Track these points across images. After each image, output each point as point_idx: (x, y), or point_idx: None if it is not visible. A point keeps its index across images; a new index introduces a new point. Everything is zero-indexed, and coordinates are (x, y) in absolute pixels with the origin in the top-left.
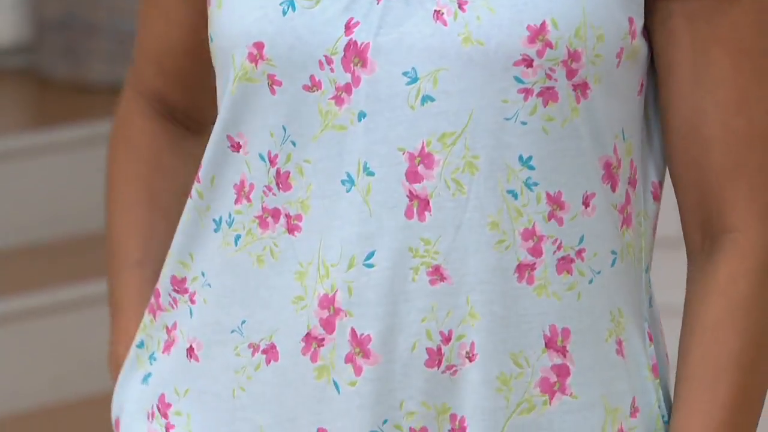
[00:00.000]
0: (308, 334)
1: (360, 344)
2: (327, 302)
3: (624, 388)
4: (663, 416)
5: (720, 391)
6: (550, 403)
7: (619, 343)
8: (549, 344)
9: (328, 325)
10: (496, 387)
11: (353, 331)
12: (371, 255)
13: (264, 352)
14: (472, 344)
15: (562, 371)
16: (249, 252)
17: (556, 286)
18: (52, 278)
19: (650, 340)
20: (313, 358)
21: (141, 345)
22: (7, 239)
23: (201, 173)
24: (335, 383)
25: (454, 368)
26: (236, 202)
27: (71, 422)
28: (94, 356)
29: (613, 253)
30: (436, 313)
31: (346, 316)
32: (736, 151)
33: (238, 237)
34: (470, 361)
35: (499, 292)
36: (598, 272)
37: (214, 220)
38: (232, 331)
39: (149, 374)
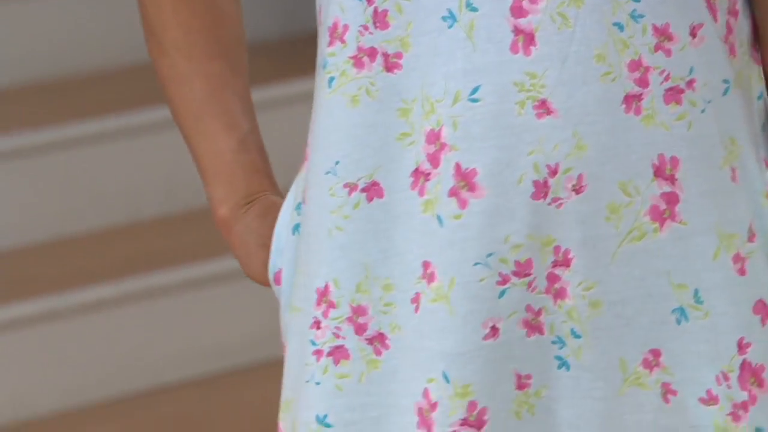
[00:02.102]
0: (416, 170)
1: (465, 178)
2: (433, 137)
3: (740, 215)
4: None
5: None
6: (660, 231)
7: (733, 170)
8: (657, 173)
9: (434, 160)
10: (605, 216)
11: (458, 165)
12: (476, 90)
13: (364, 190)
14: (580, 176)
15: (671, 199)
16: (343, 93)
17: (664, 116)
18: (63, 115)
19: (766, 166)
20: (421, 193)
21: (298, 207)
22: (16, 75)
23: (322, 17)
24: (439, 217)
25: (560, 201)
26: (329, 44)
27: (84, 255)
28: (105, 190)
29: (725, 81)
30: (543, 146)
31: (451, 150)
32: None
33: (332, 79)
34: (577, 193)
35: (607, 123)
36: (709, 101)
37: (320, 66)
38: (327, 173)
39: (298, 224)
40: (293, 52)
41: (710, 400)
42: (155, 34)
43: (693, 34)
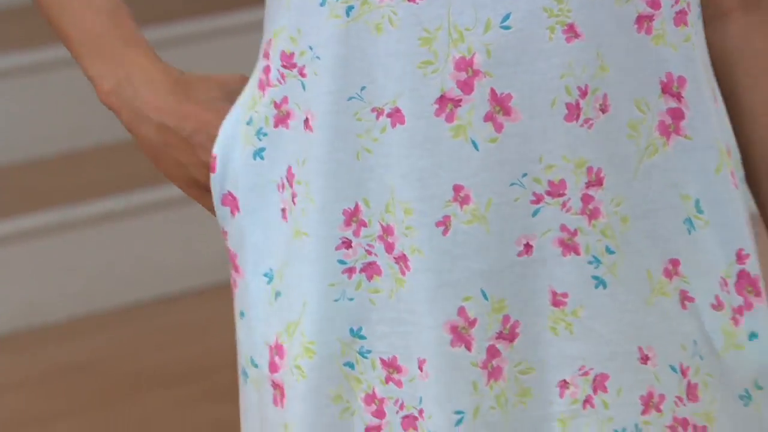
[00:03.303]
0: (442, 97)
1: (500, 103)
2: (464, 64)
3: (724, 134)
4: (739, 160)
5: None
6: (667, 145)
7: (713, 90)
8: (665, 89)
9: (466, 87)
10: (627, 134)
11: (493, 91)
12: (507, 17)
13: (389, 115)
14: (605, 96)
15: (676, 114)
16: (366, 21)
17: (673, 38)
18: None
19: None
20: (449, 119)
21: (249, 122)
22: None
23: None
24: (473, 141)
25: (590, 121)
26: None
27: (91, 168)
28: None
29: (698, 6)
30: (573, 68)
31: (485, 77)
32: None
33: (350, 8)
34: (603, 112)
35: (622, 42)
36: (694, 24)
37: None
38: (350, 98)
39: (262, 149)
40: None
41: (719, 305)
42: None
43: None
